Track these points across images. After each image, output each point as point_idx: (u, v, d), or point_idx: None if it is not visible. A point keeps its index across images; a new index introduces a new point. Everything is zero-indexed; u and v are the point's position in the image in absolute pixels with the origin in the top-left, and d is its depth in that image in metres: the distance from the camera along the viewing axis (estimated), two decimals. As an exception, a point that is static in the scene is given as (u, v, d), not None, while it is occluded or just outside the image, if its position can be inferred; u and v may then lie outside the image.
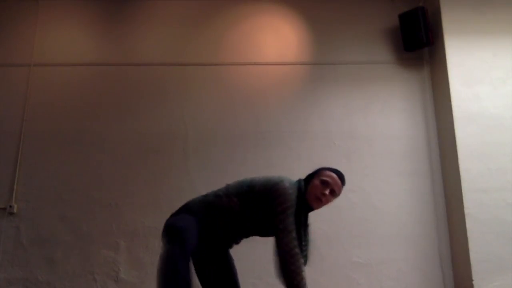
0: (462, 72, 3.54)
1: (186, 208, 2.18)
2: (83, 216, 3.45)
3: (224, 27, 3.92)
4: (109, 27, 3.92)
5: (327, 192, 2.07)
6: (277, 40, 3.91)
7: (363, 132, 3.70)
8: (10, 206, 3.43)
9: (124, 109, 3.71)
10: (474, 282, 3.14)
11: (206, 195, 2.20)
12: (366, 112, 3.74)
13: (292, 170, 3.59)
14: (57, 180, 3.52)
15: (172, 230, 2.00)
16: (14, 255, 3.37)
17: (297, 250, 1.92)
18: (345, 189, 3.54)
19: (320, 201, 2.08)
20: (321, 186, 2.08)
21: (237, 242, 2.28)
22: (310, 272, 3.37)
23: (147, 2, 3.97)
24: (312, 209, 2.14)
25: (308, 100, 3.76)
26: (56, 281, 3.32)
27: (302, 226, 2.06)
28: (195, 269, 2.20)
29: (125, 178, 3.55)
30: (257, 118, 3.71)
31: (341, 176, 2.16)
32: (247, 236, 2.23)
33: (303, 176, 3.56)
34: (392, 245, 3.47)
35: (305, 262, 2.09)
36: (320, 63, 3.85)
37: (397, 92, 3.79)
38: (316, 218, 3.49)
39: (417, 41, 3.67)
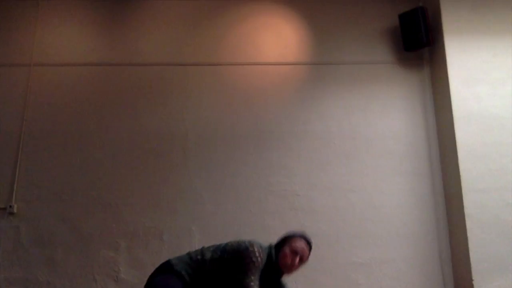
0: (462, 72, 3.54)
1: (171, 268, 2.16)
2: (83, 216, 3.45)
3: (224, 27, 3.92)
4: (110, 27, 3.92)
5: (296, 261, 2.20)
6: (277, 40, 3.91)
7: (363, 132, 3.70)
8: (10, 206, 3.43)
9: (124, 109, 3.71)
10: (474, 282, 3.14)
11: (189, 255, 2.23)
12: (366, 112, 3.74)
13: (292, 170, 3.60)
14: (57, 180, 3.52)
15: None
16: (14, 255, 3.36)
17: None
18: (345, 189, 3.60)
19: (291, 269, 2.21)
20: (291, 256, 2.21)
21: None
22: (310, 272, 3.40)
23: (147, 2, 3.97)
24: (283, 274, 2.26)
25: (308, 100, 3.76)
26: (56, 281, 3.32)
27: None
28: None
29: (125, 178, 3.55)
30: (257, 118, 3.71)
31: (309, 243, 2.29)
32: None
33: (303, 176, 3.58)
34: (392, 245, 3.47)
35: None
36: (320, 63, 3.85)
37: (397, 92, 3.80)
38: (316, 218, 3.52)
39: (417, 41, 3.67)
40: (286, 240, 2.29)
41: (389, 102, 3.77)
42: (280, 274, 2.26)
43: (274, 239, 3.46)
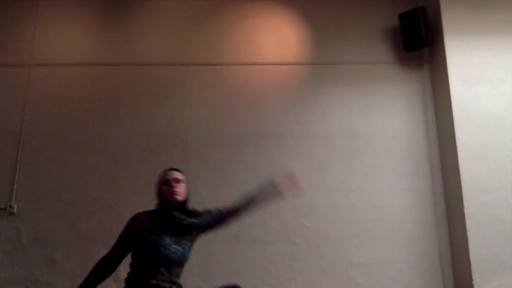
0: (462, 72, 3.54)
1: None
2: (83, 216, 3.45)
3: (224, 27, 3.92)
4: (109, 27, 3.92)
5: (173, 185, 2.36)
6: (277, 40, 3.91)
7: (363, 132, 3.70)
8: (10, 206, 3.43)
9: (124, 109, 3.71)
10: (474, 282, 3.14)
11: None
12: (366, 112, 3.74)
13: (292, 170, 3.59)
14: (57, 180, 3.52)
15: None
16: (14, 255, 3.36)
17: (101, 260, 2.29)
18: (345, 189, 3.59)
19: (174, 193, 2.34)
20: (166, 186, 2.37)
21: None
22: (310, 272, 3.40)
23: (147, 2, 3.97)
24: (181, 205, 2.37)
25: (308, 100, 3.76)
26: (56, 281, 3.32)
27: (177, 224, 2.32)
28: None
29: (125, 178, 3.55)
30: (257, 118, 3.71)
31: (171, 168, 2.47)
32: None
33: (303, 176, 3.58)
34: (392, 245, 3.47)
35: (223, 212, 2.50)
36: (320, 63, 3.85)
37: (397, 92, 3.79)
38: (317, 218, 3.52)
39: (417, 41, 3.67)
40: (157, 185, 2.43)
41: (389, 102, 3.77)
42: (177, 207, 2.34)
43: (274, 239, 3.48)
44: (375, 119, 3.73)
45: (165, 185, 2.38)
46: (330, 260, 3.42)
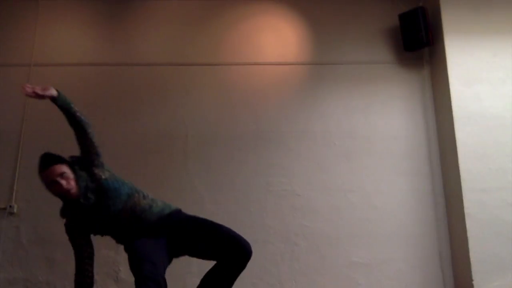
0: (462, 72, 3.54)
1: None
2: (83, 216, 3.45)
3: (224, 27, 3.92)
4: (109, 27, 3.92)
5: (63, 184, 2.24)
6: (277, 40, 3.91)
7: (363, 132, 3.70)
8: (10, 206, 3.43)
9: (124, 109, 3.71)
10: (474, 282, 3.14)
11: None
12: (366, 112, 3.74)
13: (292, 170, 3.60)
14: (57, 180, 3.52)
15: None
16: (14, 255, 3.36)
17: (76, 266, 2.30)
18: (345, 189, 3.58)
19: (68, 191, 2.25)
20: (51, 188, 2.27)
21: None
22: (310, 272, 3.40)
23: (147, 2, 3.97)
24: (80, 196, 2.31)
25: (308, 100, 3.76)
26: (56, 281, 3.32)
27: (94, 207, 2.32)
28: None
29: (124, 178, 3.53)
30: (257, 118, 3.71)
31: (44, 163, 2.34)
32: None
33: (303, 176, 3.58)
34: (392, 245, 3.47)
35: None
36: (320, 63, 3.85)
37: (397, 92, 3.79)
38: (316, 218, 3.52)
39: (417, 41, 3.67)
40: (46, 188, 2.32)
41: (389, 102, 3.77)
42: (78, 199, 2.30)
43: (274, 239, 3.47)
44: (375, 119, 3.73)
45: (53, 186, 2.25)
46: (330, 260, 3.42)
